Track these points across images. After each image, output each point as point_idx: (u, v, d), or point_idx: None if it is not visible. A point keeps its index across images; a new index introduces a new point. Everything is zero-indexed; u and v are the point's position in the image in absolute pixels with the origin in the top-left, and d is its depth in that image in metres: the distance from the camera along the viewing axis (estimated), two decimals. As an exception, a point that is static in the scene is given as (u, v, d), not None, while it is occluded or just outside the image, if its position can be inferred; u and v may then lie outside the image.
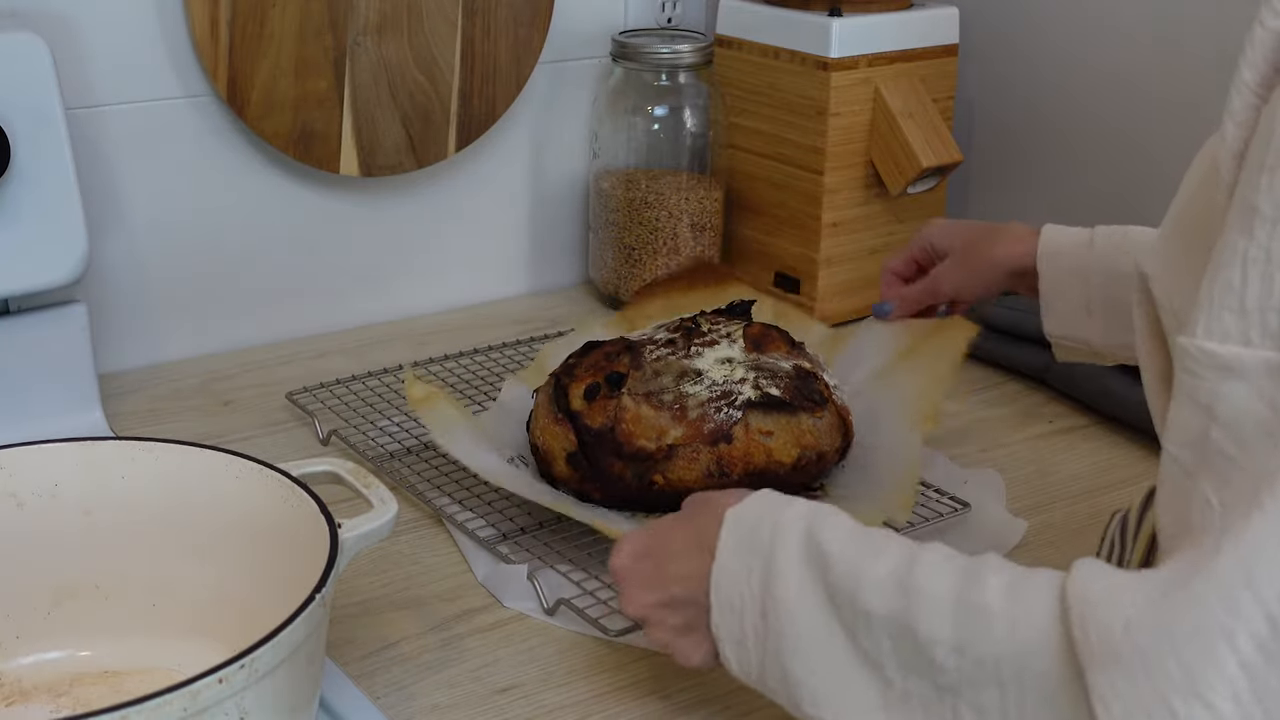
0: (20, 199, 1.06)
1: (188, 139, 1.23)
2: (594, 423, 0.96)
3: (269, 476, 0.79)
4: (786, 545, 0.69)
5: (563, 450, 0.97)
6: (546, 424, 0.99)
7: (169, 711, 0.61)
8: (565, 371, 1.01)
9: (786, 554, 0.68)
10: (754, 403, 0.96)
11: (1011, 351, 1.25)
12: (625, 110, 1.37)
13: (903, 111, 1.30)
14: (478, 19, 1.29)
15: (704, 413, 0.95)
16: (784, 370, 0.99)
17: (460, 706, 0.82)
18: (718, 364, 0.98)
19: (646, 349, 0.99)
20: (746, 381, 0.97)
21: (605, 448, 0.96)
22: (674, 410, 0.95)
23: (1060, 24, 1.40)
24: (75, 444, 0.82)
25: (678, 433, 0.95)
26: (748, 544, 0.70)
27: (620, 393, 0.96)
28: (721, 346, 0.99)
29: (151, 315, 1.25)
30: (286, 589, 0.70)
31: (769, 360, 1.00)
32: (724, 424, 0.95)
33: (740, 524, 0.72)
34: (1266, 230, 0.57)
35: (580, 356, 1.02)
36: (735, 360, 0.99)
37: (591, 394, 0.97)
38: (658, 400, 0.96)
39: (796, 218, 1.35)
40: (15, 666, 0.80)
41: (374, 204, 1.34)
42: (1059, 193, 1.44)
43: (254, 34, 1.19)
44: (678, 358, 0.98)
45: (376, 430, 1.11)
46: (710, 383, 0.97)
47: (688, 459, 0.94)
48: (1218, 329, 0.58)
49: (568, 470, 0.98)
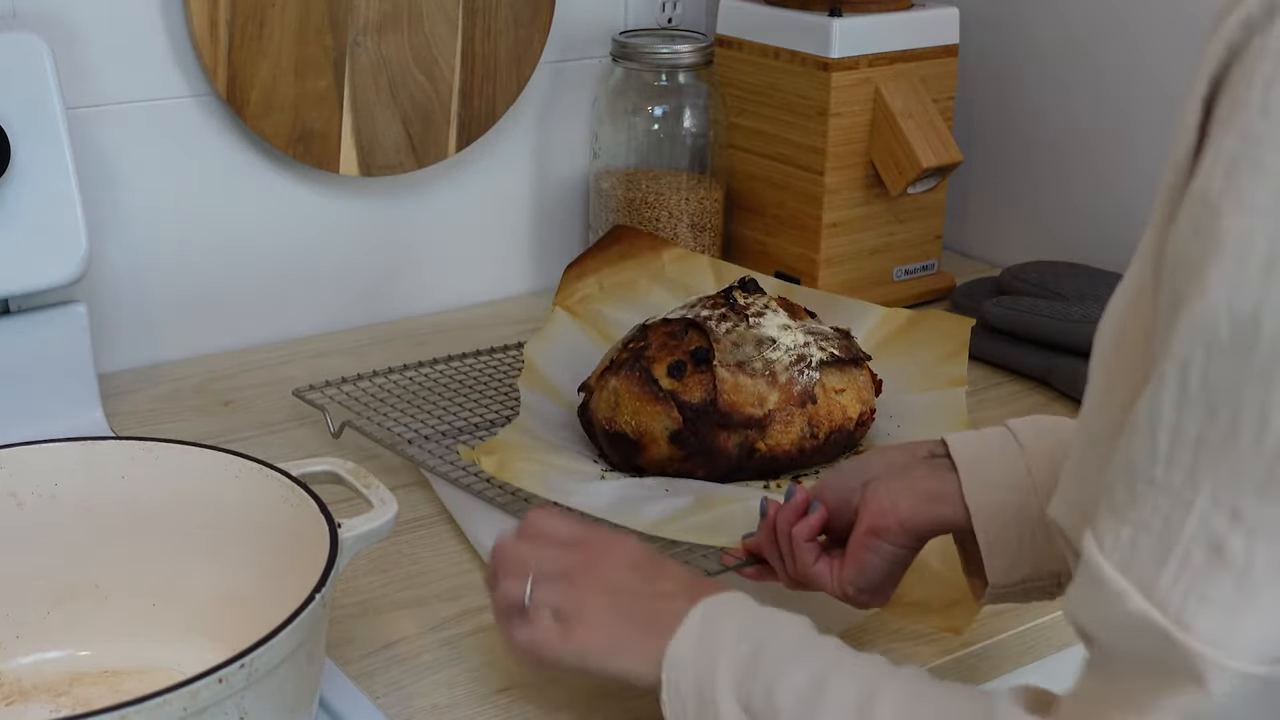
0: (20, 199, 1.06)
1: (188, 139, 1.23)
2: (693, 398, 0.98)
3: (269, 476, 0.79)
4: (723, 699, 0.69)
5: (665, 430, 0.98)
6: (641, 406, 0.99)
7: (169, 711, 0.61)
8: (637, 355, 1.01)
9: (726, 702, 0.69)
10: (826, 362, 1.00)
11: (1012, 351, 1.25)
12: (625, 110, 1.37)
13: (903, 111, 1.30)
14: (478, 19, 1.29)
15: (791, 376, 0.98)
16: (829, 332, 1.04)
17: (460, 706, 0.82)
18: (781, 330, 1.01)
19: (710, 324, 1.00)
20: (810, 344, 1.01)
21: (710, 420, 0.97)
22: (766, 377, 0.98)
23: (1060, 24, 1.40)
24: (75, 444, 0.82)
25: (775, 398, 0.97)
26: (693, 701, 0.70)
27: (711, 365, 0.98)
28: (770, 316, 1.02)
29: (151, 315, 1.25)
30: (286, 589, 0.70)
31: (811, 325, 1.03)
32: (808, 385, 0.98)
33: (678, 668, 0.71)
34: (1137, 438, 0.55)
35: (641, 340, 1.02)
36: (791, 326, 1.02)
37: (677, 371, 0.98)
38: (750, 369, 0.98)
39: (796, 218, 1.35)
40: (15, 666, 0.80)
41: (374, 204, 1.34)
42: (1059, 193, 1.44)
43: (254, 33, 1.19)
44: (744, 328, 1.00)
45: (391, 421, 1.10)
46: (785, 348, 0.99)
47: (784, 423, 0.97)
48: (1096, 525, 0.57)
49: (670, 450, 0.98)
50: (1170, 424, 0.53)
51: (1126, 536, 0.54)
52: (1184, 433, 0.53)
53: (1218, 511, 0.52)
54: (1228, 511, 0.52)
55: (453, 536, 0.99)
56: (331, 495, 0.78)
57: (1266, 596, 0.51)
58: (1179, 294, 0.53)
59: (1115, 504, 0.55)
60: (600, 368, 1.05)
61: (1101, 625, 0.56)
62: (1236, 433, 0.51)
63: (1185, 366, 0.52)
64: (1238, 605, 0.52)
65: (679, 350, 1.00)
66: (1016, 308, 1.25)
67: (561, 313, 1.17)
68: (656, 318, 1.05)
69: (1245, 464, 0.51)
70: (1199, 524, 0.52)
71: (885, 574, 0.80)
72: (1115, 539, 0.55)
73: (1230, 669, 0.52)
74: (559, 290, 1.19)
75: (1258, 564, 0.51)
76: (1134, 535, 0.54)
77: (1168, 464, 0.53)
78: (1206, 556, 0.52)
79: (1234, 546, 0.52)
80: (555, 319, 1.16)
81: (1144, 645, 0.54)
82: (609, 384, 1.01)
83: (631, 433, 0.99)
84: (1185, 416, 0.53)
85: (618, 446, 1.00)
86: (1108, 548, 0.55)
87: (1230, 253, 0.51)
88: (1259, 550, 0.51)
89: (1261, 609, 0.51)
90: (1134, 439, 0.54)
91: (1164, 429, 0.53)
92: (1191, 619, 0.52)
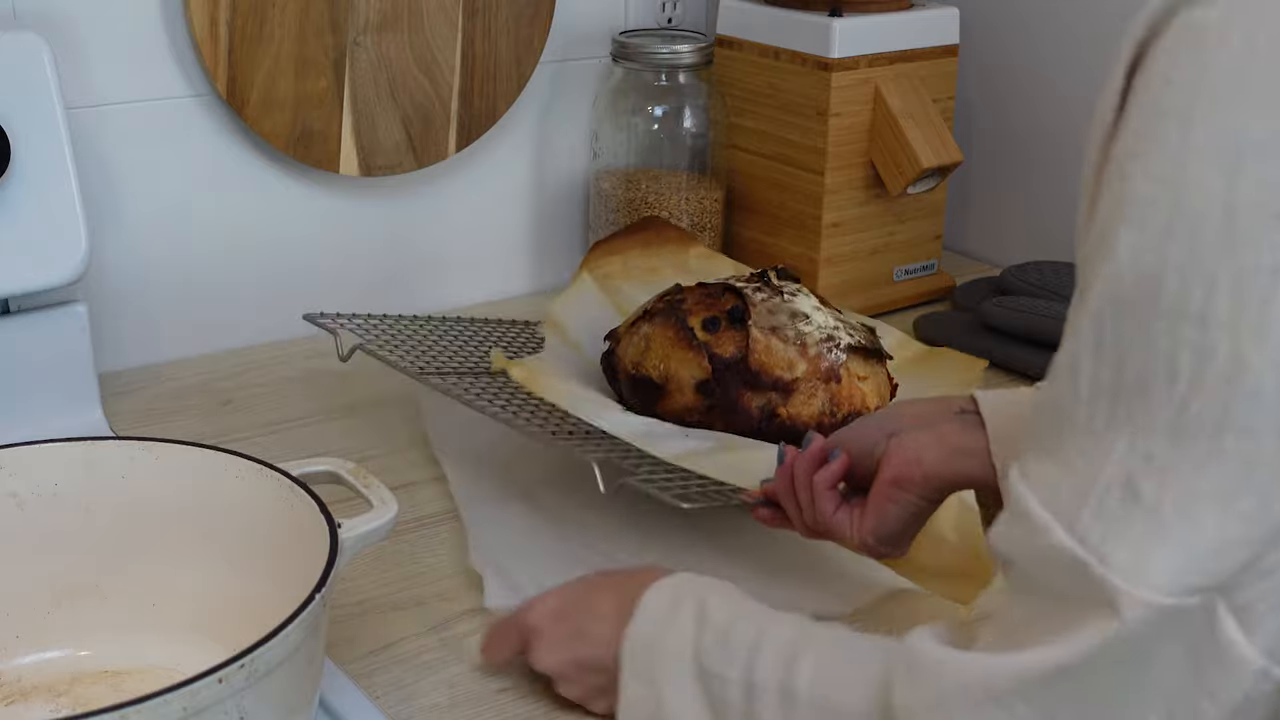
0: (20, 199, 1.06)
1: (188, 138, 1.23)
2: (725, 352, 0.98)
3: (269, 476, 0.79)
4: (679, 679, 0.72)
5: (692, 377, 0.98)
6: (673, 350, 0.99)
7: (169, 711, 0.61)
8: (674, 306, 1.01)
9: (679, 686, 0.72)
10: (854, 347, 1.00)
11: (1011, 352, 1.25)
12: (625, 110, 1.37)
13: (903, 112, 1.30)
14: (478, 19, 1.29)
15: (820, 351, 0.99)
16: (855, 324, 1.04)
17: (460, 706, 0.82)
18: (815, 310, 1.01)
19: (746, 291, 1.01)
20: (840, 328, 1.01)
21: (737, 377, 0.98)
22: (798, 345, 0.98)
23: (1060, 24, 1.40)
24: (75, 444, 0.82)
25: (803, 367, 0.98)
26: (646, 662, 0.73)
27: (746, 325, 0.98)
28: (802, 298, 1.02)
29: (151, 315, 1.25)
30: (286, 589, 0.70)
31: (841, 315, 1.04)
32: (835, 364, 0.99)
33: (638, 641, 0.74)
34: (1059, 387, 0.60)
35: (677, 294, 1.02)
36: (823, 309, 1.02)
37: (712, 325, 0.99)
38: (783, 335, 0.99)
39: (797, 218, 1.35)
40: (15, 666, 0.80)
41: (374, 204, 1.34)
42: (1060, 193, 1.44)
43: (254, 33, 1.19)
44: (779, 300, 1.01)
45: (403, 349, 1.08)
46: (817, 325, 1.00)
47: (808, 394, 0.98)
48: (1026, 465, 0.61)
49: (694, 398, 0.98)
50: (1089, 374, 0.57)
51: (1052, 474, 0.59)
52: (1100, 382, 0.57)
53: (1133, 455, 0.56)
54: (1142, 455, 0.56)
55: (453, 536, 0.99)
56: (331, 495, 0.78)
57: (1175, 533, 0.55)
58: (1093, 253, 0.58)
59: (1042, 443, 0.60)
60: (632, 317, 1.05)
61: (1025, 555, 0.60)
62: (1147, 382, 0.55)
63: (1099, 319, 0.57)
64: (1150, 541, 0.55)
65: (715, 308, 1.00)
66: (1016, 308, 1.25)
67: (588, 277, 1.17)
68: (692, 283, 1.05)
69: (1156, 411, 0.55)
70: (1116, 466, 0.56)
71: (905, 525, 0.81)
72: (1040, 475, 0.59)
73: (1142, 600, 0.55)
74: (585, 261, 1.20)
75: (1167, 504, 0.55)
76: (1058, 473, 0.58)
77: (1089, 409, 0.57)
78: (1122, 496, 0.56)
79: (1147, 488, 0.56)
80: (581, 282, 1.17)
81: (1064, 575, 0.58)
82: (640, 330, 1.02)
83: (657, 376, 0.99)
84: (1101, 367, 0.57)
85: (640, 390, 1.01)
86: (1034, 483, 0.59)
87: (1135, 216, 0.56)
88: (1168, 491, 0.55)
89: (1171, 545, 0.55)
90: (1057, 385, 0.59)
91: (1083, 378, 0.57)
92: (1110, 553, 0.56)
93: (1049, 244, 1.44)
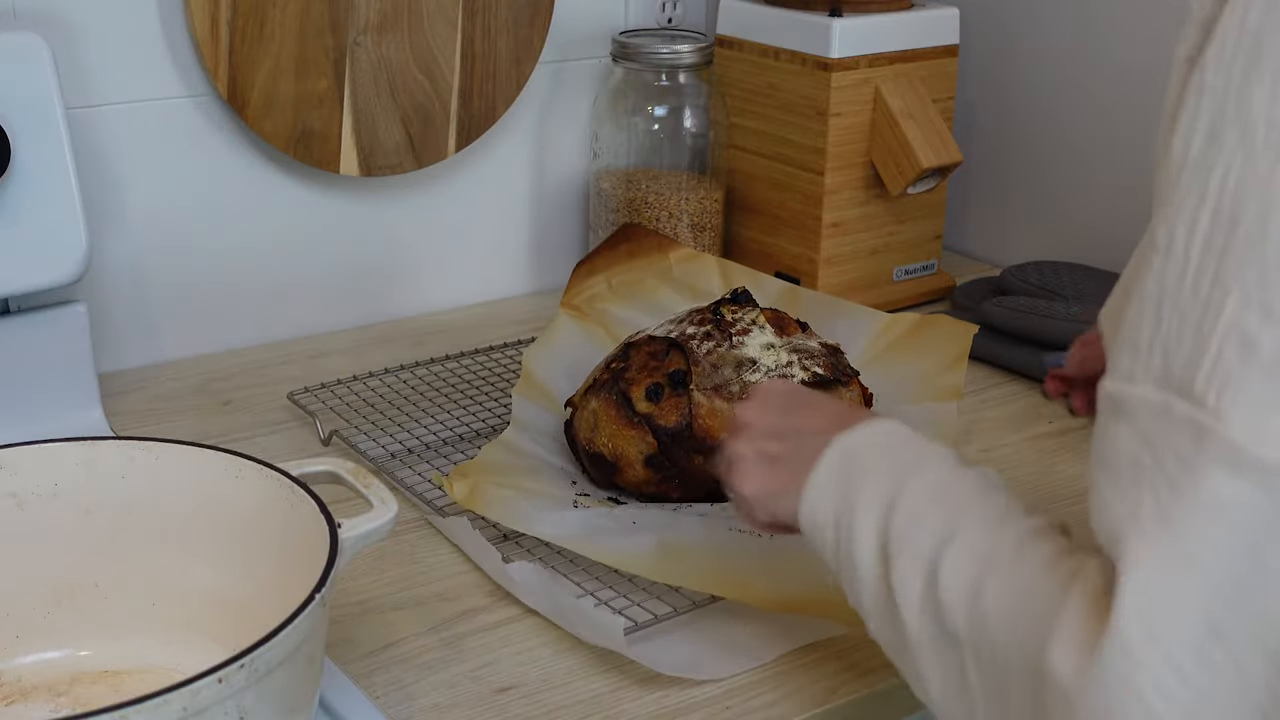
0: (20, 199, 1.06)
1: (188, 138, 1.23)
2: (668, 422, 0.98)
3: (269, 476, 0.79)
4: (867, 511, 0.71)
5: (640, 454, 0.99)
6: (618, 430, 0.99)
7: (168, 711, 0.61)
8: (617, 376, 1.01)
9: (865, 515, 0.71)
10: (807, 383, 0.99)
11: (1011, 351, 1.25)
12: (625, 110, 1.37)
13: (903, 112, 1.30)
14: (478, 19, 1.29)
15: None
16: (815, 349, 1.03)
17: (460, 706, 0.82)
18: (764, 350, 1.01)
19: (692, 344, 1.01)
20: (794, 364, 1.00)
21: (684, 445, 0.98)
22: (743, 400, 0.97)
23: (1060, 24, 1.40)
24: (75, 444, 0.82)
25: None
26: (845, 475, 0.72)
27: (688, 389, 0.98)
28: (755, 333, 1.02)
29: (151, 315, 1.25)
30: (286, 589, 0.70)
31: (799, 341, 1.03)
32: None
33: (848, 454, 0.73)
34: (1160, 261, 0.58)
35: (623, 360, 1.03)
36: (776, 345, 1.01)
37: (654, 394, 0.99)
38: (727, 392, 0.98)
39: (797, 218, 1.35)
40: (15, 666, 0.80)
41: (374, 204, 1.34)
42: (1059, 193, 1.44)
43: (254, 33, 1.19)
44: (725, 349, 1.00)
45: (378, 431, 1.11)
46: (765, 369, 0.99)
47: None
48: (1118, 369, 0.59)
49: (645, 473, 0.99)
50: (1204, 234, 0.56)
51: (1159, 359, 0.57)
52: (1213, 243, 0.56)
53: (1248, 310, 0.55)
54: (1258, 308, 0.55)
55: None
56: (331, 495, 0.78)
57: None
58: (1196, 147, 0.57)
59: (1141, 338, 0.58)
60: (585, 385, 1.05)
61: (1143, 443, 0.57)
62: (1266, 234, 0.54)
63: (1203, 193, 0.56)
64: (1270, 397, 0.54)
65: (658, 372, 1.00)
66: (1016, 308, 1.25)
67: (565, 316, 1.17)
68: (643, 334, 1.05)
69: (1273, 263, 0.54)
70: (1230, 323, 0.55)
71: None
72: (1148, 366, 0.58)
73: (1262, 458, 0.54)
74: (567, 289, 1.20)
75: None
76: (1165, 352, 0.57)
77: (1196, 276, 0.56)
78: (1239, 352, 0.55)
79: (1265, 341, 0.54)
80: (558, 323, 1.17)
81: (1181, 442, 0.56)
82: (590, 404, 1.02)
83: (609, 454, 1.00)
84: (1215, 228, 0.56)
85: (597, 466, 1.01)
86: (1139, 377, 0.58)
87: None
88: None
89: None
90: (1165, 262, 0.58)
91: (1197, 242, 0.57)
92: (1228, 411, 0.55)
93: (1049, 244, 1.45)
